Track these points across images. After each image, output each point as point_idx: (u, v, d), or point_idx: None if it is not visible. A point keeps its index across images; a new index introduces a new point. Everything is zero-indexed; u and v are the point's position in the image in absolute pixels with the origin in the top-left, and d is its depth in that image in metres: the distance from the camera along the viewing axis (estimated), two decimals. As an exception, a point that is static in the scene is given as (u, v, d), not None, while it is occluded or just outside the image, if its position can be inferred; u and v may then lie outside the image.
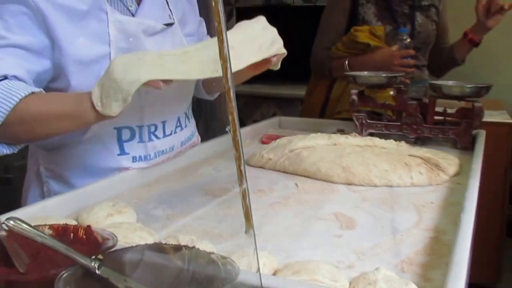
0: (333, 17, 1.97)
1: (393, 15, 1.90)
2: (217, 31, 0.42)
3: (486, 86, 1.43)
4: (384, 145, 1.31)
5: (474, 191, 0.95)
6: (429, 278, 0.71)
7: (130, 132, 1.16)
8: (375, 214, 0.95)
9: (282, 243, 0.82)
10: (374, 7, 1.90)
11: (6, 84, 0.94)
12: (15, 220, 0.57)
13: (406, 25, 1.90)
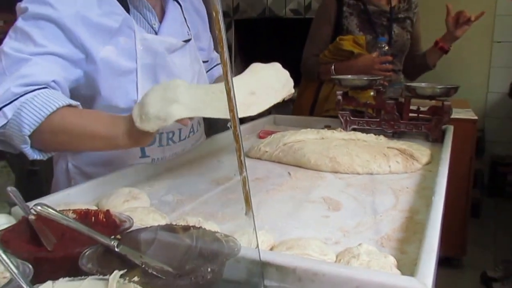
0: (321, 28, 1.97)
1: (373, 26, 1.90)
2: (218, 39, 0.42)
3: (454, 87, 1.43)
4: (366, 139, 1.30)
5: (443, 177, 0.95)
6: (405, 251, 0.71)
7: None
8: (358, 197, 0.95)
9: (277, 223, 0.82)
10: (357, 19, 1.90)
11: (46, 92, 0.89)
12: (43, 205, 0.57)
13: (384, 35, 1.91)
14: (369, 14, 1.89)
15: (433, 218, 0.72)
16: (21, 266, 0.48)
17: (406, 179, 1.09)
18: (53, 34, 0.94)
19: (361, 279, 0.55)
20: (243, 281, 0.62)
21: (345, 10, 1.91)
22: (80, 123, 0.90)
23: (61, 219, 0.57)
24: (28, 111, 0.86)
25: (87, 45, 0.98)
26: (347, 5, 1.91)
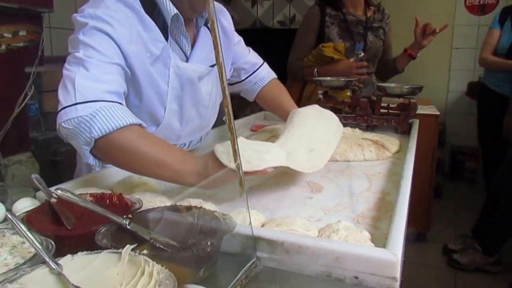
0: (305, 35, 1.96)
1: (351, 34, 1.90)
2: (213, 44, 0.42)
3: (419, 87, 1.44)
4: (343, 131, 1.30)
5: (410, 164, 0.96)
6: (378, 227, 0.72)
7: None
8: (337, 181, 0.95)
9: (267, 204, 0.82)
10: (337, 28, 1.90)
11: (122, 107, 0.82)
12: (63, 189, 0.56)
13: (360, 42, 1.91)
14: (348, 23, 1.89)
15: (401, 199, 0.73)
16: (44, 242, 0.48)
17: (379, 165, 1.09)
18: (113, 48, 0.88)
19: (340, 251, 0.56)
20: (238, 253, 0.62)
21: (327, 20, 1.91)
22: (151, 148, 0.80)
23: (79, 201, 0.56)
24: (102, 117, 0.78)
25: (134, 64, 0.93)
26: (329, 16, 1.91)
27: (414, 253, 2.50)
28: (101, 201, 0.66)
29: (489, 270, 2.30)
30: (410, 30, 1.90)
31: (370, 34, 1.93)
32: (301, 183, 0.94)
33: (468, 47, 3.80)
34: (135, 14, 0.93)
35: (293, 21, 3.09)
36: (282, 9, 3.09)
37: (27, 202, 0.66)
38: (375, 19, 1.95)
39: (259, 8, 3.09)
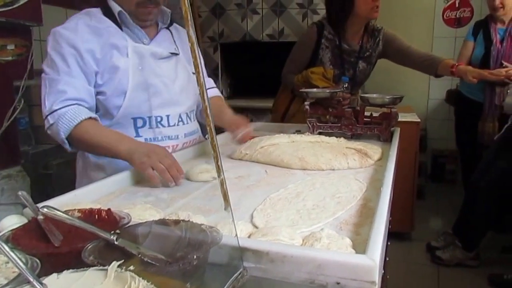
0: (301, 52, 1.93)
1: (342, 62, 1.88)
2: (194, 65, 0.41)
3: (400, 97, 1.44)
4: (328, 141, 1.30)
5: (390, 172, 0.95)
6: (359, 233, 0.71)
7: (143, 121, 1.20)
8: (322, 189, 0.93)
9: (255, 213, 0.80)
10: (330, 53, 1.87)
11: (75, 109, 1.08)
12: (49, 207, 0.54)
13: (349, 71, 1.87)
14: (341, 50, 1.86)
15: (381, 206, 0.72)
16: (29, 261, 0.46)
17: (362, 173, 1.08)
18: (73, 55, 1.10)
19: (322, 258, 0.55)
20: (225, 264, 0.61)
21: (323, 42, 1.88)
22: (95, 136, 1.08)
23: (66, 219, 0.54)
24: (63, 121, 1.07)
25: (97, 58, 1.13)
26: (325, 38, 1.88)
27: (400, 252, 2.50)
28: (89, 217, 0.63)
29: (469, 265, 2.33)
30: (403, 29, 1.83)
31: (361, 63, 1.90)
32: (288, 193, 0.92)
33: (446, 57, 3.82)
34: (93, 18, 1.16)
35: (282, 35, 3.09)
36: (271, 23, 3.09)
37: (14, 219, 0.64)
38: (368, 48, 1.91)
39: (249, 22, 3.09)
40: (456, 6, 3.86)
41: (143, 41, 1.22)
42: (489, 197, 2.22)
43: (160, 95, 1.20)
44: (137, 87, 1.16)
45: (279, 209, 0.81)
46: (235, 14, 3.09)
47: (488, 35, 2.60)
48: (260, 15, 3.06)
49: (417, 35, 3.91)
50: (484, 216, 2.25)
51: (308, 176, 1.06)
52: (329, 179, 1.01)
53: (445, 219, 2.87)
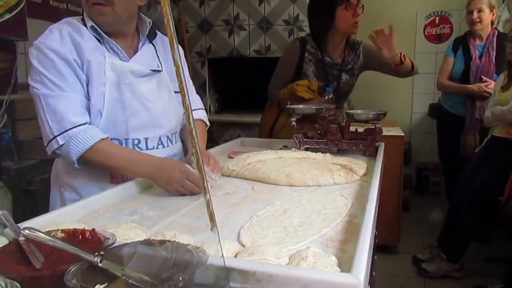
0: (285, 66, 1.95)
1: (326, 74, 1.90)
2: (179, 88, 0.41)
3: (383, 112, 1.45)
4: (315, 157, 1.30)
5: (375, 187, 0.95)
6: (345, 250, 0.71)
7: (119, 143, 1.13)
8: (309, 206, 0.93)
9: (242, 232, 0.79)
10: (314, 66, 1.90)
11: (86, 129, 1.04)
12: (30, 229, 0.53)
13: (333, 83, 1.90)
14: (325, 64, 1.89)
15: (366, 223, 0.72)
16: (9, 285, 0.44)
17: (347, 188, 1.09)
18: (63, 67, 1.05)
19: (308, 277, 0.55)
20: (212, 284, 0.60)
21: (306, 56, 1.90)
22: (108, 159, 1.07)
23: (48, 240, 0.53)
24: (74, 144, 1.03)
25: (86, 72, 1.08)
26: (308, 52, 1.90)
27: (386, 265, 2.50)
28: (73, 237, 0.62)
29: (455, 276, 2.34)
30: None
31: (344, 75, 1.93)
32: (274, 210, 0.92)
33: (428, 72, 3.92)
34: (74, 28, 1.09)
35: (269, 50, 3.12)
36: (257, 39, 3.12)
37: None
38: (350, 61, 1.94)
39: (236, 37, 3.11)
40: (436, 23, 3.97)
41: (120, 56, 1.14)
42: (471, 208, 2.25)
43: (139, 116, 1.13)
44: (113, 107, 1.10)
45: (266, 226, 0.81)
46: (222, 30, 3.12)
47: (467, 51, 2.67)
48: (247, 31, 3.10)
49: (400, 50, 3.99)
50: (467, 227, 2.28)
51: (294, 192, 1.06)
52: (315, 195, 1.01)
53: (431, 231, 2.89)
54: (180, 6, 3.09)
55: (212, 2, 3.09)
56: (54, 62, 1.03)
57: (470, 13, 2.61)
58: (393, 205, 2.59)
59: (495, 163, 2.23)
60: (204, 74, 3.19)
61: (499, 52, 2.59)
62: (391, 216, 2.57)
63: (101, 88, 1.08)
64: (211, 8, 3.10)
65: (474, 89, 2.57)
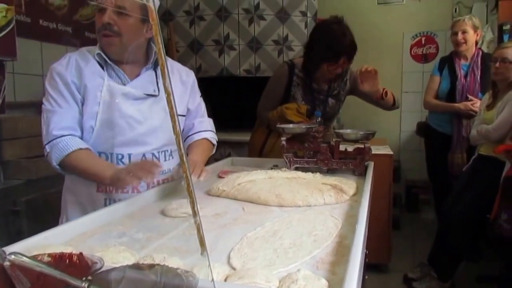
0: (275, 88, 1.99)
1: (313, 98, 1.94)
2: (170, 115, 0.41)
3: (372, 132, 1.48)
4: (305, 177, 1.31)
5: (365, 208, 0.95)
6: (335, 272, 0.71)
7: (105, 156, 1.26)
8: (299, 227, 0.93)
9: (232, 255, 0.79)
10: (302, 90, 1.94)
11: (67, 139, 1.18)
12: (16, 254, 0.52)
13: (320, 107, 1.94)
14: (312, 90, 1.94)
15: (355, 245, 0.72)
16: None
17: (338, 208, 1.09)
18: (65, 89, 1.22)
19: (298, 302, 0.54)
20: (202, 308, 0.59)
21: (294, 79, 1.95)
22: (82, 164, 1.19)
23: (34, 266, 0.52)
24: (55, 151, 1.18)
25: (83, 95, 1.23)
26: (297, 76, 1.95)
27: (378, 284, 2.49)
28: (60, 262, 0.61)
29: (445, 295, 2.33)
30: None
31: (330, 99, 1.98)
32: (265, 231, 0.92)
33: (415, 91, 4.01)
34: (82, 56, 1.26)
35: (259, 70, 3.16)
36: (247, 58, 3.16)
37: (-20, 267, 0.60)
38: (336, 87, 1.99)
39: (226, 57, 3.15)
40: (422, 43, 4.08)
41: (122, 80, 1.27)
42: (460, 227, 2.26)
43: (124, 134, 1.25)
44: (103, 125, 1.23)
45: (256, 248, 0.81)
46: (212, 50, 3.15)
47: (453, 70, 2.74)
48: (237, 51, 3.14)
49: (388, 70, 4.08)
50: (457, 246, 2.29)
51: (285, 213, 1.06)
52: (305, 216, 1.01)
53: (421, 249, 2.89)
54: (170, 26, 3.13)
55: (203, 22, 3.13)
56: (57, 83, 1.21)
57: (455, 34, 2.69)
58: (383, 223, 2.59)
59: (483, 181, 2.26)
60: (194, 93, 3.22)
61: (483, 71, 2.66)
62: (382, 234, 2.58)
63: (95, 107, 1.22)
64: (201, 28, 3.14)
65: (461, 107, 2.63)
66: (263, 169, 1.46)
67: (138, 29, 1.24)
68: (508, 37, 3.04)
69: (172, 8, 3.18)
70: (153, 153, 1.31)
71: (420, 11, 4.02)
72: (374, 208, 0.94)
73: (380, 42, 4.09)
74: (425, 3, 4.00)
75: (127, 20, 1.21)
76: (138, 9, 1.23)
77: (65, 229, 0.88)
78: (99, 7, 1.21)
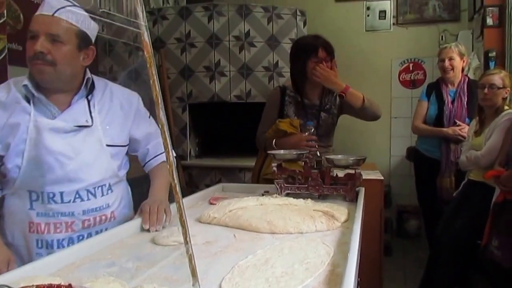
0: (269, 112, 2.05)
1: (306, 113, 1.99)
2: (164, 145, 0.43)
3: (363, 158, 1.50)
4: (296, 203, 1.32)
5: (357, 235, 0.96)
6: (329, 303, 0.71)
7: (36, 195, 1.20)
8: (291, 255, 0.93)
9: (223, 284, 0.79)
10: (294, 107, 2.00)
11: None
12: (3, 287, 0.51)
13: (313, 121, 1.99)
14: (304, 105, 2.00)
15: (348, 273, 0.73)
16: None
17: (329, 236, 1.09)
18: None
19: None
20: None
21: (286, 100, 2.02)
22: None
23: (24, 300, 0.51)
24: None
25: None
26: (288, 96, 2.03)
27: (371, 313, 2.46)
28: (49, 295, 0.60)
29: (437, 324, 2.30)
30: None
31: (322, 113, 2.03)
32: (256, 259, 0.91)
33: (404, 116, 4.08)
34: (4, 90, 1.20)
35: (249, 95, 3.20)
36: (238, 84, 3.21)
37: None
38: (327, 102, 2.05)
39: (217, 83, 3.19)
40: (410, 69, 4.20)
41: (52, 113, 1.20)
42: (451, 254, 2.27)
43: (53, 172, 1.18)
44: (30, 163, 1.17)
45: (247, 277, 0.80)
46: (203, 76, 3.20)
47: (440, 96, 2.81)
48: (228, 77, 3.19)
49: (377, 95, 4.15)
50: (448, 272, 2.28)
51: (276, 240, 1.06)
52: (297, 243, 1.01)
53: (413, 276, 2.88)
54: (161, 53, 3.18)
55: (194, 49, 3.19)
56: None
57: (442, 61, 2.78)
58: (375, 250, 2.58)
59: (473, 207, 2.28)
60: (185, 119, 3.23)
61: (470, 97, 2.74)
62: (373, 261, 2.56)
63: (21, 145, 1.16)
64: (192, 55, 3.20)
65: (449, 132, 2.69)
66: (254, 195, 1.47)
67: (74, 57, 1.18)
68: (494, 63, 3.15)
69: (163, 36, 3.24)
70: (88, 189, 1.25)
71: (407, 38, 4.15)
72: (365, 234, 0.95)
73: (368, 68, 4.19)
74: (412, 31, 4.14)
75: (62, 47, 1.14)
76: (74, 36, 1.17)
77: (53, 259, 0.87)
78: (30, 34, 1.14)
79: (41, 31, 1.12)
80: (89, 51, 1.24)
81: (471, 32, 3.71)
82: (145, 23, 0.58)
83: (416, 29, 4.13)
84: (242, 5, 3.17)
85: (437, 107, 2.80)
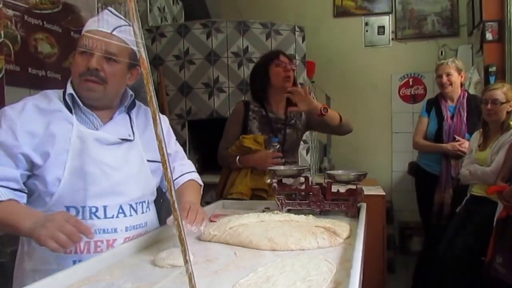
0: (232, 127, 2.04)
1: (271, 128, 2.00)
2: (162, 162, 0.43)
3: (364, 173, 1.51)
4: (297, 219, 1.32)
5: (359, 251, 0.96)
6: (332, 321, 0.70)
7: (75, 211, 1.13)
8: (293, 272, 0.93)
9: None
10: (258, 122, 1.99)
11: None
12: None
13: (278, 136, 1.99)
14: (269, 119, 2.01)
15: (352, 290, 0.73)
16: None
17: (331, 252, 1.09)
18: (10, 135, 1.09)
19: None
20: None
21: (250, 114, 2.01)
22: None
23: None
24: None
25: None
26: (252, 111, 2.02)
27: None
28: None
29: None
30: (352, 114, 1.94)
31: (288, 129, 2.03)
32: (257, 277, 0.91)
33: (405, 131, 4.11)
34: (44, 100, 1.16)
35: (248, 111, 3.22)
36: (237, 100, 3.22)
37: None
38: (292, 117, 2.05)
39: (216, 99, 3.22)
40: (410, 84, 4.25)
41: (95, 124, 1.20)
42: (455, 271, 2.25)
43: (98, 184, 1.14)
44: (72, 174, 1.12)
45: (249, 296, 0.80)
46: (202, 93, 3.23)
47: (439, 112, 2.83)
48: (227, 93, 3.21)
49: (377, 111, 4.21)
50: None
51: (278, 257, 1.06)
52: (299, 260, 1.01)
53: (418, 294, 2.85)
54: (160, 70, 3.21)
55: (192, 66, 3.23)
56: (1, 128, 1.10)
57: (440, 77, 2.82)
58: (378, 267, 2.57)
59: (476, 223, 2.28)
60: (184, 136, 3.24)
61: (469, 113, 2.77)
62: (376, 278, 2.55)
63: (62, 156, 1.11)
64: (191, 72, 3.23)
65: (449, 147, 2.70)
66: (254, 211, 1.47)
67: (123, 77, 1.21)
68: (494, 78, 3.19)
69: (162, 53, 3.28)
70: (131, 204, 1.22)
71: (406, 53, 4.21)
72: (367, 251, 0.95)
73: (368, 83, 4.24)
74: (411, 46, 4.20)
75: (115, 66, 1.17)
76: (127, 55, 1.19)
77: (50, 282, 0.86)
78: (83, 48, 1.14)
79: (98, 48, 1.13)
80: (135, 71, 1.25)
81: (470, 47, 3.76)
82: (142, 40, 0.60)
83: (415, 44, 4.19)
84: (241, 22, 3.22)
85: (437, 123, 2.82)
